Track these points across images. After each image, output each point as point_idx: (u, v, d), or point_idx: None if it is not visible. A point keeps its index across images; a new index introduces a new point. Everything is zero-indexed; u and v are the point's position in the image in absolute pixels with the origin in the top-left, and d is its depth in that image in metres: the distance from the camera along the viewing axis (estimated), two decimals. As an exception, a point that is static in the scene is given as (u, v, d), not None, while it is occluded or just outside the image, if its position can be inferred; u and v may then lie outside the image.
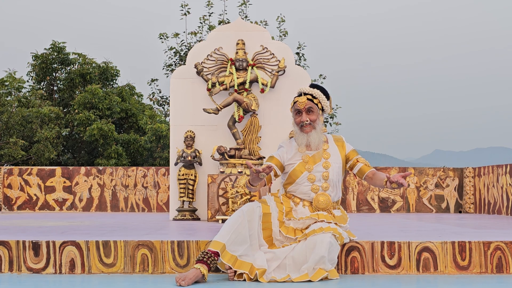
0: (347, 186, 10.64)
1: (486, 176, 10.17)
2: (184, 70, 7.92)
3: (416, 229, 6.11)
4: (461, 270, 4.42)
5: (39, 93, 17.52)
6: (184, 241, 4.44)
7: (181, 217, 7.62)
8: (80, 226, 6.45)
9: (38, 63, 18.50)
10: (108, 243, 4.45)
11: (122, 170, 10.99)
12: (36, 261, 4.45)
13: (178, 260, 4.42)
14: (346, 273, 4.41)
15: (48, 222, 7.21)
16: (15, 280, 4.17)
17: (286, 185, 4.47)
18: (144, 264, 4.43)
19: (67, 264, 4.43)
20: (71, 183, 10.97)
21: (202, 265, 3.94)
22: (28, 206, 10.96)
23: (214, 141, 7.72)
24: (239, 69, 7.66)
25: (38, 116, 16.16)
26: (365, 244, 4.44)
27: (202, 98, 7.76)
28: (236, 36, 7.80)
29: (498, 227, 6.49)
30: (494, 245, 4.45)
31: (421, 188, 10.67)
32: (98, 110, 17.47)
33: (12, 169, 11.09)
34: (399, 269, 4.42)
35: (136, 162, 17.59)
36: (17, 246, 4.46)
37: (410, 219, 8.12)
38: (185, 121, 7.85)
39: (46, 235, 4.91)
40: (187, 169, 7.72)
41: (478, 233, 5.36)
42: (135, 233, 5.22)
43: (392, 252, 4.43)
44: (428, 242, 4.45)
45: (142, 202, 10.89)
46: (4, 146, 15.67)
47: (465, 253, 4.43)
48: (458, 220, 8.06)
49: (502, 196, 9.56)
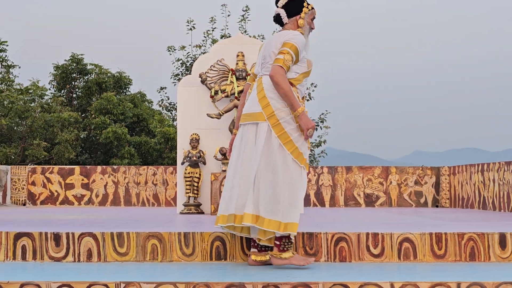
0: (336, 183, 10.64)
1: (460, 174, 10.17)
2: (190, 79, 7.92)
3: (397, 221, 6.11)
4: (438, 258, 4.42)
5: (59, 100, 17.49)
6: (190, 233, 4.44)
7: (187, 211, 7.61)
8: (96, 219, 6.44)
9: (59, 73, 18.46)
10: (121, 234, 4.44)
11: (134, 169, 10.98)
12: (57, 251, 4.44)
13: (184, 249, 4.42)
14: (335, 261, 4.41)
15: (67, 215, 7.21)
16: (38, 267, 4.17)
17: (300, 77, 4.17)
18: (154, 253, 4.42)
19: (85, 253, 4.43)
20: (88, 180, 10.96)
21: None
22: (50, 201, 10.94)
23: (217, 143, 7.71)
24: (239, 78, 7.66)
25: (59, 120, 16.14)
26: (352, 235, 4.44)
27: (206, 104, 7.75)
28: (237, 48, 7.80)
29: (471, 220, 6.50)
30: (467, 236, 4.45)
31: (402, 185, 10.67)
32: (113, 115, 17.45)
33: (35, 168, 11.08)
34: (382, 257, 4.42)
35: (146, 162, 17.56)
36: (40, 237, 4.46)
37: (392, 213, 8.12)
38: (190, 125, 7.84)
39: (66, 227, 4.90)
40: (193, 168, 7.71)
41: (453, 225, 5.37)
42: (146, 225, 5.22)
43: (376, 243, 4.43)
44: (408, 233, 4.45)
45: (152, 198, 10.88)
46: (29, 148, 15.65)
47: (441, 243, 4.44)
48: (435, 213, 8.06)
49: (474, 192, 9.56)
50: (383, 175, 10.67)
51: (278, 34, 4.19)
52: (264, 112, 4.02)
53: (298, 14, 4.22)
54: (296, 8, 4.22)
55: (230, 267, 4.16)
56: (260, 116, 4.03)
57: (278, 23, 4.30)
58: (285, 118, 4.01)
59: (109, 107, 17.37)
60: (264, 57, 4.20)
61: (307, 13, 4.22)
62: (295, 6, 4.22)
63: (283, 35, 4.13)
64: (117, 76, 19.02)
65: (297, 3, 4.22)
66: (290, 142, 3.99)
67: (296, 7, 4.22)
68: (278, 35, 4.18)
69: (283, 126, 4.00)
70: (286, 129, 4.00)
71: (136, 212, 8.18)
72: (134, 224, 5.53)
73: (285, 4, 4.23)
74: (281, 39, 4.11)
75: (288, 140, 3.99)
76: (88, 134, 18.03)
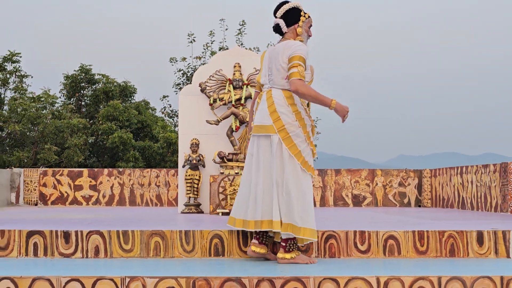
0: (325, 184, 10.64)
1: (441, 176, 10.19)
2: (191, 88, 7.92)
3: (383, 220, 6.12)
4: (420, 254, 4.43)
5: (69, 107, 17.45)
6: (190, 231, 4.44)
7: (187, 210, 7.60)
8: (103, 218, 6.43)
9: (68, 82, 18.41)
10: (126, 232, 4.44)
11: (138, 172, 10.96)
12: (67, 247, 4.43)
13: (185, 246, 4.42)
14: (324, 257, 4.41)
15: (76, 215, 7.19)
16: (49, 263, 4.16)
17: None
18: (157, 250, 4.42)
19: (93, 250, 4.42)
20: (96, 182, 10.93)
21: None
22: (60, 201, 10.91)
23: (215, 147, 7.71)
24: (236, 88, 7.67)
25: (68, 126, 16.10)
26: (341, 233, 4.44)
27: (205, 111, 7.75)
28: (234, 60, 7.80)
29: (451, 218, 6.51)
30: (448, 233, 4.46)
31: (387, 187, 10.67)
32: (119, 121, 17.42)
33: (46, 170, 11.05)
34: (369, 253, 4.42)
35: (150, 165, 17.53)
36: (50, 235, 4.45)
37: (378, 212, 8.12)
38: (191, 131, 7.83)
39: (75, 226, 4.90)
40: (193, 171, 7.70)
41: (434, 224, 5.37)
42: (149, 224, 5.22)
43: (363, 240, 4.43)
44: (393, 231, 4.45)
45: (155, 198, 10.86)
46: (40, 152, 15.61)
47: (423, 240, 4.44)
48: (418, 213, 8.07)
49: (454, 193, 9.58)
50: (369, 177, 10.68)
51: (282, 47, 4.16)
52: (275, 125, 4.08)
53: (296, 23, 4.23)
54: (294, 17, 4.23)
55: (228, 263, 4.16)
56: (271, 129, 4.09)
57: (278, 33, 4.30)
58: (295, 131, 4.08)
59: (115, 114, 17.35)
60: (271, 69, 4.19)
61: (304, 22, 4.24)
62: (293, 15, 4.23)
63: (287, 48, 4.12)
64: (123, 85, 18.99)
65: (295, 12, 4.24)
66: (299, 153, 4.07)
67: (294, 16, 4.23)
68: (282, 47, 4.16)
69: (293, 139, 4.07)
70: (295, 142, 4.07)
71: (140, 212, 8.16)
72: (138, 222, 5.52)
73: (284, 14, 4.24)
74: (286, 52, 4.11)
75: (298, 152, 4.06)
76: (96, 139, 18.00)
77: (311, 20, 4.30)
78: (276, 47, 4.21)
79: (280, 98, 4.10)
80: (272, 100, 4.11)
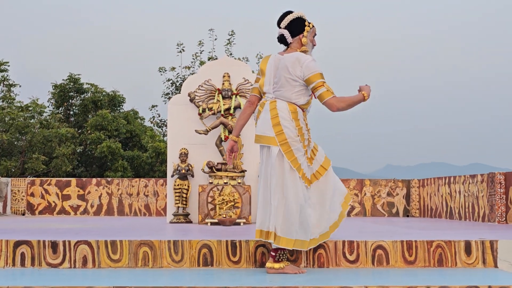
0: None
1: (429, 186, 10.23)
2: (179, 98, 7.92)
3: (371, 230, 6.12)
4: (409, 264, 4.44)
5: (57, 116, 17.39)
6: (179, 241, 4.42)
7: (176, 220, 7.58)
8: (91, 228, 6.39)
9: (57, 91, 18.35)
10: (115, 242, 4.41)
11: (127, 181, 10.92)
12: (54, 258, 4.40)
13: (174, 256, 4.40)
14: (313, 267, 4.41)
15: (64, 224, 7.15)
16: (36, 273, 4.13)
17: (310, 100, 4.25)
18: (145, 260, 4.40)
19: (80, 260, 4.39)
20: (84, 192, 10.88)
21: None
22: (48, 211, 10.84)
23: (204, 157, 7.70)
24: (225, 97, 7.67)
25: (56, 136, 16.03)
26: (330, 243, 4.45)
27: (194, 121, 7.75)
28: (223, 70, 7.81)
29: (439, 228, 6.53)
30: (436, 243, 4.47)
31: (375, 196, 10.70)
32: (107, 131, 17.37)
33: (34, 180, 10.99)
34: (357, 263, 4.42)
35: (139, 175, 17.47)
36: (38, 244, 4.41)
37: (366, 222, 8.14)
38: (180, 140, 7.82)
39: (63, 236, 4.86)
40: (182, 180, 7.69)
41: (422, 234, 5.39)
42: (137, 234, 5.19)
43: (351, 249, 4.44)
44: (381, 241, 4.46)
45: (144, 208, 10.82)
46: (28, 161, 15.52)
47: (412, 250, 4.45)
48: (406, 222, 8.09)
49: (442, 203, 9.62)
50: (358, 187, 10.71)
51: (291, 60, 4.12)
52: (277, 138, 4.07)
53: (301, 33, 4.22)
54: (298, 27, 4.22)
55: (216, 273, 4.14)
56: (273, 141, 4.08)
57: (283, 43, 4.29)
58: (296, 145, 4.09)
59: (104, 123, 17.29)
60: (278, 79, 4.16)
61: (309, 32, 4.24)
62: (297, 26, 4.22)
63: (297, 62, 4.10)
64: (112, 94, 18.95)
65: (299, 22, 4.23)
66: (299, 166, 4.08)
67: (299, 26, 4.22)
68: (291, 60, 4.12)
69: (294, 153, 4.07)
70: (296, 155, 4.08)
71: (129, 222, 8.13)
72: (127, 232, 5.49)
73: (288, 24, 4.22)
74: (297, 66, 4.09)
75: (298, 165, 4.08)
76: (84, 148, 17.92)
77: (315, 29, 4.31)
78: (285, 58, 4.16)
79: (285, 112, 4.09)
80: (277, 112, 4.09)
